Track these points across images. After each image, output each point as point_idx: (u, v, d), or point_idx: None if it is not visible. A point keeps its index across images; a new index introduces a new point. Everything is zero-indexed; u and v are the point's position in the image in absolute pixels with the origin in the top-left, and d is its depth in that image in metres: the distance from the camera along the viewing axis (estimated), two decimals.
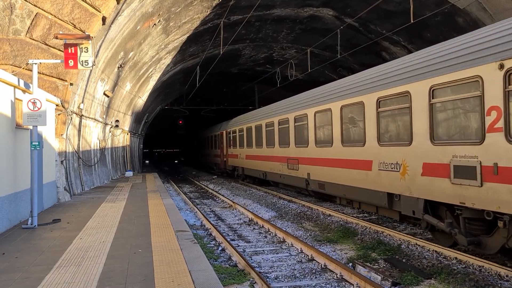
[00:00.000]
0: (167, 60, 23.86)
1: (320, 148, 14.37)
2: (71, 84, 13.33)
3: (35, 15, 12.17)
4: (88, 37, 10.17)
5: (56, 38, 10.21)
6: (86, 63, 10.19)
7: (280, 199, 17.75)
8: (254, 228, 12.10)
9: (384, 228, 10.84)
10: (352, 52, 23.21)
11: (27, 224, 9.51)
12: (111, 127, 23.26)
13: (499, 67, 7.25)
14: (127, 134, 29.54)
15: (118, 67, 18.35)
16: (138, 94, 26.09)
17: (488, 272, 7.49)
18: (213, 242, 10.41)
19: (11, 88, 9.66)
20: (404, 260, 8.34)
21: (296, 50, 27.15)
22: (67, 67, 10.22)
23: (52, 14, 12.29)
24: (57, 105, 13.15)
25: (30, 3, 12.06)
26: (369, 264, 8.10)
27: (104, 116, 20.91)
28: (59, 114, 13.57)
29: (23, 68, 11.69)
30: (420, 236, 10.32)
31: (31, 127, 9.87)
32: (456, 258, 8.30)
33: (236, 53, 28.00)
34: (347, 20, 20.43)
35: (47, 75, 12.79)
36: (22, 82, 10.04)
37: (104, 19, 12.89)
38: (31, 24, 12.18)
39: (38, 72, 11.60)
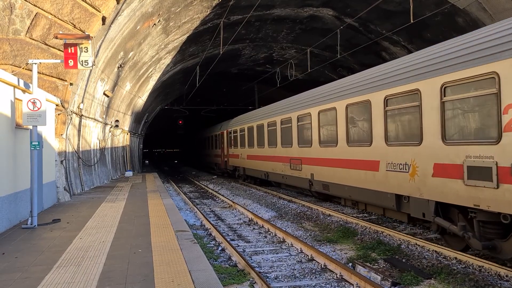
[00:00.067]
0: (167, 60, 23.86)
1: (324, 148, 14.05)
2: (71, 84, 13.33)
3: (35, 15, 12.17)
4: (88, 37, 10.18)
5: (56, 38, 10.22)
6: (86, 63, 10.20)
7: (280, 199, 17.75)
8: (254, 228, 12.10)
9: (384, 228, 10.84)
10: (352, 52, 23.21)
11: (27, 224, 9.51)
12: (111, 127, 23.26)
13: None
14: (127, 134, 29.54)
15: (118, 67, 18.35)
16: (138, 94, 26.09)
17: (488, 272, 7.49)
18: (213, 242, 10.41)
19: (11, 88, 9.66)
20: (404, 260, 8.34)
21: (296, 50, 27.15)
22: (67, 67, 10.23)
23: (52, 14, 12.29)
24: (57, 105, 13.15)
25: (30, 3, 12.05)
26: (369, 264, 8.10)
27: (104, 116, 20.91)
28: (59, 114, 13.57)
29: (23, 68, 11.69)
30: (420, 236, 10.32)
31: (31, 127, 9.87)
32: (456, 258, 8.31)
33: (236, 53, 28.00)
34: (347, 20, 20.44)
35: (47, 75, 12.79)
36: (22, 82, 10.04)
37: (104, 19, 12.90)
38: (31, 24, 12.18)
39: (38, 72, 11.60)
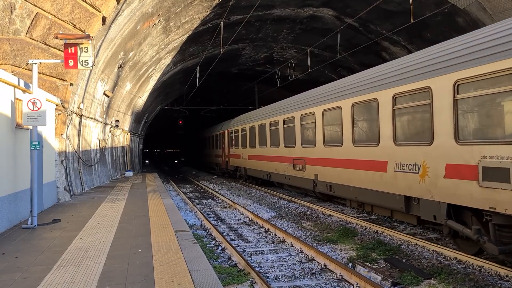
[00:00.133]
0: (167, 60, 23.86)
1: (329, 148, 13.76)
2: (71, 84, 13.33)
3: (35, 15, 12.17)
4: (88, 37, 10.18)
5: (56, 38, 10.22)
6: (86, 63, 10.20)
7: (280, 199, 17.75)
8: (254, 228, 12.10)
9: (384, 228, 10.84)
10: (352, 52, 23.21)
11: (27, 224, 9.52)
12: (111, 127, 23.26)
13: None
14: (127, 134, 29.54)
15: (118, 67, 18.35)
16: (138, 94, 26.10)
17: (488, 272, 7.49)
18: (213, 242, 10.41)
19: (11, 88, 9.66)
20: (404, 260, 8.34)
21: (296, 50, 27.16)
22: (67, 67, 10.23)
23: (52, 14, 12.29)
24: (57, 105, 13.15)
25: (30, 3, 12.06)
26: (369, 264, 8.10)
27: (104, 116, 20.91)
28: (59, 114, 13.57)
29: (23, 68, 11.69)
30: (420, 236, 10.31)
31: (31, 127, 9.87)
32: (456, 258, 8.30)
33: (236, 53, 28.00)
34: (347, 20, 20.44)
35: (47, 75, 12.79)
36: (22, 82, 10.05)
37: (104, 19, 12.90)
38: (31, 24, 12.18)
39: (38, 72, 11.60)
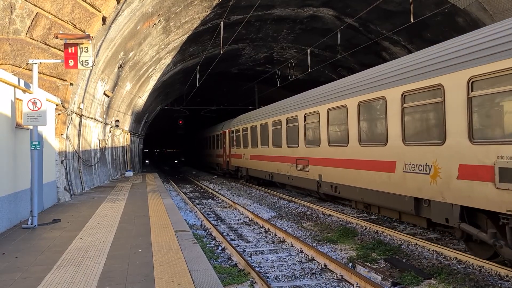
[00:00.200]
0: (167, 60, 23.87)
1: (334, 147, 13.41)
2: (71, 84, 13.34)
3: (35, 15, 12.17)
4: (88, 37, 10.18)
5: (56, 38, 10.22)
6: (86, 63, 10.20)
7: (280, 199, 17.75)
8: (254, 228, 12.10)
9: (384, 228, 10.84)
10: (352, 52, 23.21)
11: (27, 224, 9.52)
12: (111, 127, 23.26)
13: None
14: (127, 134, 29.55)
15: (118, 67, 18.35)
16: (138, 94, 26.10)
17: (488, 272, 7.49)
18: (213, 242, 10.41)
19: (11, 88, 9.66)
20: (404, 260, 8.34)
21: (296, 50, 27.16)
22: (67, 67, 10.23)
23: (52, 14, 12.29)
24: (57, 105, 13.15)
25: (30, 3, 12.06)
26: (369, 264, 8.10)
27: (104, 116, 20.92)
28: (59, 114, 13.57)
29: (23, 68, 11.70)
30: (420, 236, 10.32)
31: (31, 127, 9.88)
32: (456, 258, 8.30)
33: (236, 53, 28.00)
34: (347, 20, 20.44)
35: (47, 75, 12.79)
36: (22, 82, 10.05)
37: (104, 19, 12.90)
38: (31, 24, 12.18)
39: (38, 72, 11.60)
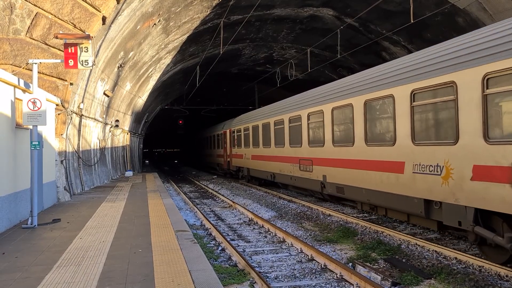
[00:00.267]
0: (167, 60, 23.87)
1: (339, 147, 13.12)
2: (71, 83, 13.33)
3: (35, 15, 12.17)
4: (88, 36, 10.18)
5: (56, 37, 10.22)
6: (86, 63, 10.20)
7: (280, 199, 17.75)
8: (254, 228, 12.10)
9: (384, 228, 10.84)
10: (352, 52, 23.22)
11: (27, 224, 9.52)
12: (111, 127, 23.26)
13: None
14: (127, 134, 29.55)
15: (118, 67, 18.35)
16: (138, 94, 26.10)
17: (488, 272, 7.49)
18: (213, 242, 10.41)
19: (11, 88, 9.66)
20: (404, 260, 8.34)
21: (296, 50, 27.16)
22: (67, 66, 10.23)
23: (52, 14, 12.29)
24: (57, 104, 13.15)
25: (30, 2, 12.06)
26: (369, 264, 8.10)
27: (104, 116, 20.91)
28: (59, 114, 13.57)
29: (23, 67, 11.69)
30: (420, 236, 10.32)
31: (31, 126, 9.87)
32: (456, 258, 8.30)
33: (236, 53, 28.01)
34: (347, 20, 20.44)
35: (47, 75, 12.79)
36: (22, 81, 10.04)
37: (104, 19, 12.90)
38: (31, 23, 12.18)
39: (38, 72, 11.60)
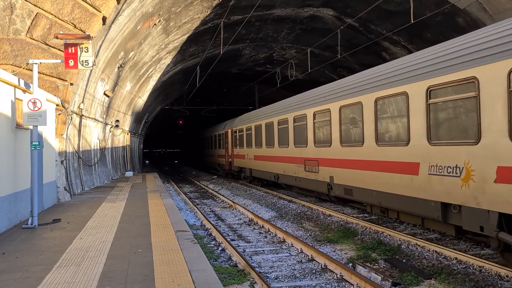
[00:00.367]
0: (167, 60, 23.87)
1: (347, 147, 12.68)
2: (71, 84, 13.34)
3: (36, 15, 12.17)
4: (88, 37, 10.18)
5: (57, 38, 10.22)
6: (86, 63, 10.20)
7: (280, 199, 17.75)
8: (254, 228, 12.10)
9: (384, 228, 10.84)
10: (352, 52, 23.22)
11: (27, 224, 9.52)
12: (111, 127, 23.27)
13: None
14: (127, 134, 29.55)
15: (118, 67, 18.35)
16: (138, 94, 26.10)
17: (488, 273, 7.48)
18: (213, 242, 10.41)
19: (12, 88, 9.66)
20: (404, 260, 8.34)
21: (296, 50, 27.16)
22: (67, 67, 10.23)
23: (52, 14, 12.30)
24: (57, 105, 13.15)
25: (30, 3, 12.06)
26: (369, 264, 8.10)
27: (104, 116, 20.92)
28: (59, 114, 13.57)
29: (24, 68, 11.70)
30: (420, 237, 10.31)
31: (31, 127, 9.88)
32: (456, 259, 8.30)
33: (236, 53, 28.01)
34: (347, 20, 20.44)
35: (47, 75, 12.79)
36: (22, 82, 10.05)
37: (104, 19, 12.90)
38: (31, 24, 12.18)
39: (38, 72, 11.60)
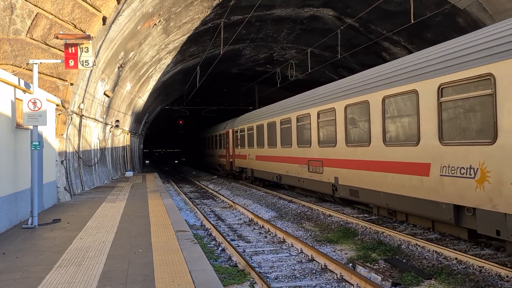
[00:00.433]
0: (167, 60, 23.87)
1: (353, 148, 12.37)
2: (72, 84, 13.34)
3: (36, 15, 12.18)
4: (88, 37, 10.18)
5: (57, 38, 10.22)
6: (87, 63, 10.21)
7: (280, 199, 17.75)
8: (254, 228, 12.10)
9: (384, 228, 10.84)
10: (352, 52, 23.22)
11: (27, 224, 9.52)
12: (111, 127, 23.27)
13: None
14: (127, 134, 29.55)
15: (119, 67, 18.36)
16: (138, 94, 26.11)
17: (488, 273, 7.48)
18: (213, 242, 10.42)
19: (12, 88, 9.66)
20: (404, 261, 8.34)
21: (297, 50, 27.16)
22: (67, 67, 10.24)
23: (52, 14, 12.30)
24: (57, 105, 13.16)
25: (30, 3, 12.06)
26: (369, 265, 8.10)
27: (104, 116, 20.92)
28: (59, 114, 13.57)
29: (24, 68, 11.70)
30: (420, 237, 10.31)
31: (31, 127, 9.88)
32: (456, 259, 8.30)
33: (237, 53, 28.01)
34: (347, 20, 20.44)
35: (47, 75, 12.80)
36: (22, 82, 10.05)
37: (104, 19, 12.90)
38: (31, 24, 12.19)
39: (39, 72, 11.61)
